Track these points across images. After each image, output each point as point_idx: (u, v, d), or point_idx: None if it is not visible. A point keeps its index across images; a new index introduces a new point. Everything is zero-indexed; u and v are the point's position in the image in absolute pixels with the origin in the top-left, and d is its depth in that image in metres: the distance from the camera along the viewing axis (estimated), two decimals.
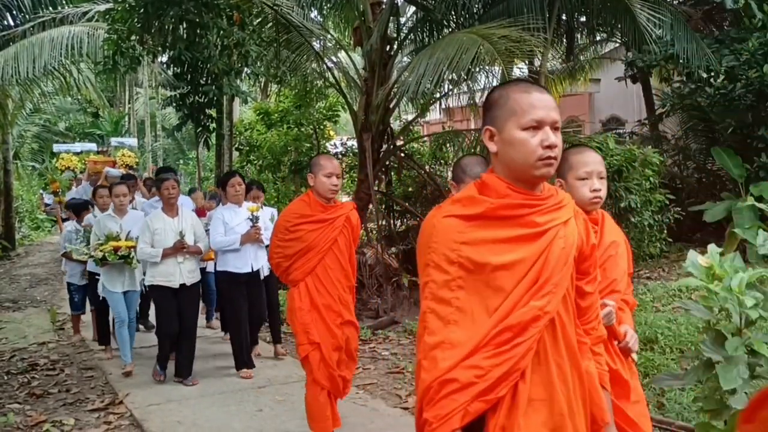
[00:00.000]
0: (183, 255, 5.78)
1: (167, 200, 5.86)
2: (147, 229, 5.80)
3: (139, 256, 5.85)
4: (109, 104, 27.36)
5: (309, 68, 10.82)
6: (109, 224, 6.22)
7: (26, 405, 5.50)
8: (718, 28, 12.11)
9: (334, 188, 4.15)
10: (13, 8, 12.28)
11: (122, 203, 6.36)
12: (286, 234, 4.17)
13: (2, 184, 15.25)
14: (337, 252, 4.18)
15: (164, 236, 5.76)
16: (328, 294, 4.17)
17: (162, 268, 5.76)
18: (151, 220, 5.84)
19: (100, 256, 6.00)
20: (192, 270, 5.90)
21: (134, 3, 6.88)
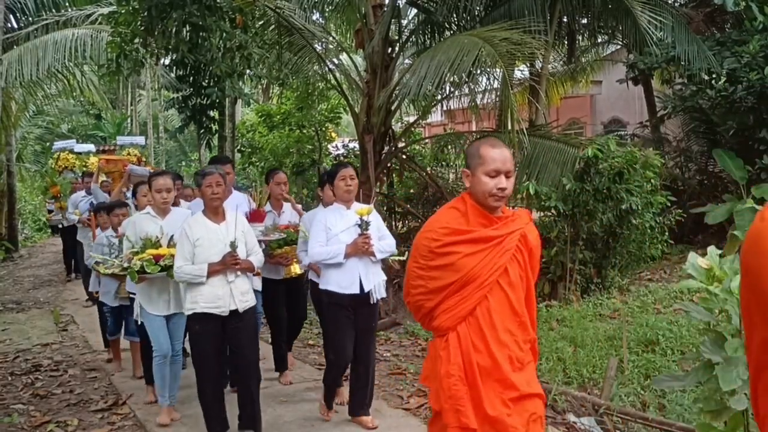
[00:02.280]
0: (234, 272, 4.40)
1: (210, 201, 4.48)
2: (185, 240, 4.40)
3: (178, 275, 4.40)
4: (112, 106, 27.41)
5: (311, 70, 10.87)
6: (147, 226, 4.90)
7: (30, 405, 5.52)
8: (719, 30, 12.13)
9: (501, 193, 2.76)
10: (16, 11, 12.34)
11: (165, 200, 4.89)
12: (431, 258, 2.83)
13: (5, 185, 15.30)
14: (507, 287, 2.79)
15: (208, 248, 4.40)
16: (494, 352, 2.75)
17: (206, 290, 4.35)
18: (189, 228, 4.44)
19: (137, 267, 4.61)
20: (245, 291, 4.47)
21: (138, 6, 6.91)
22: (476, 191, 2.78)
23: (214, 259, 4.33)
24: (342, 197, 4.67)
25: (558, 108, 16.54)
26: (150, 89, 24.78)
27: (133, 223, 4.98)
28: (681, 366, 5.43)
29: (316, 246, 4.60)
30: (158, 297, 4.86)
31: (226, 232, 4.44)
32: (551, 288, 8.46)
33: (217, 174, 4.47)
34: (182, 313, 4.67)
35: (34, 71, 11.31)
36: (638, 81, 12.91)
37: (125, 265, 4.77)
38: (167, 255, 4.64)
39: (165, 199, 4.89)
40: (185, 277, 4.34)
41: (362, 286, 4.55)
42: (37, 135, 24.13)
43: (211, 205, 4.47)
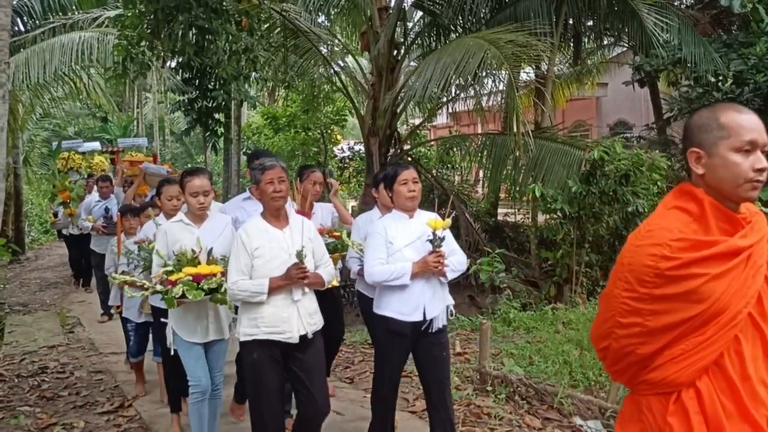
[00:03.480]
0: (301, 288, 3.61)
1: (271, 201, 3.64)
2: (242, 249, 3.59)
3: (232, 293, 3.61)
4: (118, 109, 27.49)
5: (316, 73, 10.90)
6: (181, 237, 4.03)
7: (36, 407, 5.53)
8: (725, 32, 12.09)
9: (760, 177, 1.95)
10: (24, 14, 12.40)
11: (202, 205, 4.06)
12: (659, 285, 1.92)
13: (12, 188, 15.36)
14: (761, 319, 1.95)
15: (269, 259, 3.59)
16: (752, 415, 1.88)
17: (268, 311, 3.56)
18: (246, 234, 3.62)
19: (177, 293, 3.76)
20: (313, 312, 3.70)
21: (144, 9, 6.94)
22: (720, 179, 1.97)
23: (277, 272, 3.55)
24: (403, 205, 3.91)
25: (564, 110, 16.52)
26: (156, 92, 24.87)
27: (164, 234, 4.06)
28: None
29: (376, 263, 3.80)
30: (196, 322, 4.07)
31: (291, 239, 3.64)
32: (557, 291, 8.44)
33: (279, 167, 3.66)
34: (223, 338, 4.16)
35: (41, 74, 11.35)
36: (644, 83, 12.88)
37: (158, 288, 3.88)
38: (210, 274, 3.80)
39: (202, 204, 4.06)
40: (241, 295, 3.55)
41: (425, 312, 3.81)
42: (44, 138, 24.22)
43: (272, 206, 3.64)
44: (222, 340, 4.19)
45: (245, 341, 3.62)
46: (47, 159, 25.02)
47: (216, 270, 3.83)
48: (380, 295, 3.93)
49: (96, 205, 9.30)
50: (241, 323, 3.65)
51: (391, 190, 3.95)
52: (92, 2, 12.50)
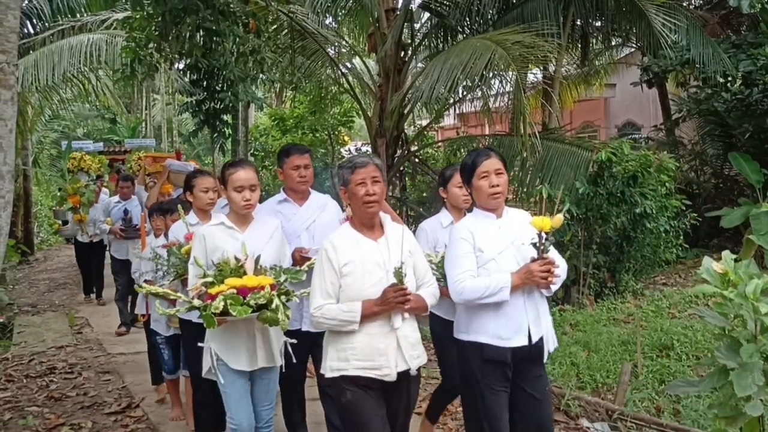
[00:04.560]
0: (401, 313, 2.97)
1: (364, 207, 3.01)
2: (327, 265, 2.98)
3: (318, 323, 3.02)
4: (127, 110, 27.64)
5: (324, 74, 10.91)
6: (223, 242, 3.40)
7: (45, 408, 5.56)
8: (734, 32, 12.04)
9: None
10: (33, 16, 12.47)
11: (248, 203, 3.45)
12: None
13: (22, 189, 15.43)
14: None
15: (362, 277, 2.97)
16: None
17: (362, 342, 2.94)
18: (333, 247, 3.01)
19: (217, 308, 3.09)
20: (415, 342, 3.05)
21: (152, 11, 6.96)
22: None
23: (370, 293, 2.93)
24: (487, 202, 3.22)
25: (571, 111, 16.48)
26: (164, 93, 24.97)
27: (202, 239, 3.41)
28: (696, 371, 5.39)
29: (466, 277, 3.10)
30: (241, 346, 3.37)
31: (388, 252, 3.00)
32: (565, 292, 8.41)
33: (372, 165, 3.04)
34: (273, 366, 3.48)
35: (50, 76, 11.40)
36: (653, 84, 12.84)
37: (195, 303, 3.20)
38: (258, 286, 3.15)
39: (248, 202, 3.42)
40: (327, 323, 2.96)
41: (530, 334, 3.14)
42: (53, 139, 24.36)
43: (365, 212, 3.01)
44: (273, 369, 3.50)
45: (333, 378, 2.99)
46: (56, 160, 25.16)
47: (265, 282, 3.16)
48: (469, 316, 3.20)
49: (115, 207, 8.72)
50: (327, 355, 3.04)
51: (469, 185, 3.26)
52: (101, 4, 12.55)
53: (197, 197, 4.25)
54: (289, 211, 4.09)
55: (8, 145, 4.51)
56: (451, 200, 4.05)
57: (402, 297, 2.89)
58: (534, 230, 3.07)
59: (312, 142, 14.01)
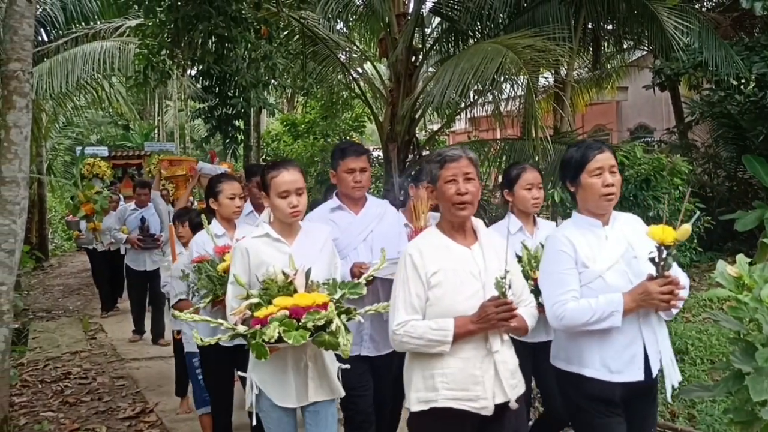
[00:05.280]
0: (500, 333, 2.56)
1: (453, 209, 2.59)
2: (414, 275, 2.53)
3: (401, 343, 2.54)
4: (140, 117, 27.79)
5: (335, 79, 10.93)
6: (268, 256, 2.93)
7: (60, 413, 5.60)
8: (747, 34, 11.96)
9: None
10: (47, 24, 12.59)
11: (296, 210, 2.96)
12: None
13: (36, 195, 15.56)
14: None
15: (453, 289, 2.52)
16: None
17: (453, 367, 2.49)
18: (419, 253, 2.56)
19: (271, 335, 2.57)
20: (514, 369, 2.61)
21: (165, 18, 7.01)
22: None
23: (464, 308, 2.47)
24: (598, 205, 2.70)
25: (583, 115, 16.42)
26: (177, 100, 25.11)
27: (244, 254, 2.93)
28: (711, 376, 5.34)
29: (568, 298, 2.60)
30: (289, 377, 2.86)
31: (484, 261, 2.56)
32: None
33: (466, 159, 2.60)
34: (329, 399, 2.94)
35: (64, 83, 11.52)
36: (665, 87, 12.78)
37: (240, 330, 2.69)
38: (312, 305, 2.66)
39: (296, 209, 2.94)
40: (413, 343, 2.48)
41: (649, 365, 2.64)
42: (67, 146, 24.54)
43: (456, 215, 2.57)
44: (329, 402, 2.95)
45: (419, 411, 2.52)
46: (70, 167, 25.34)
47: (319, 299, 2.69)
48: (570, 343, 2.71)
49: (131, 214, 8.33)
50: (411, 384, 2.55)
51: (573, 183, 2.75)
52: (114, 12, 12.66)
53: (223, 205, 3.87)
54: (343, 220, 3.60)
55: (23, 152, 4.56)
56: (518, 204, 3.65)
57: (506, 314, 2.40)
58: (651, 242, 2.54)
59: (324, 147, 14.05)
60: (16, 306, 9.92)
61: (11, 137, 4.49)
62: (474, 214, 2.66)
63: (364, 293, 2.89)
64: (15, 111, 4.50)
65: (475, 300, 2.47)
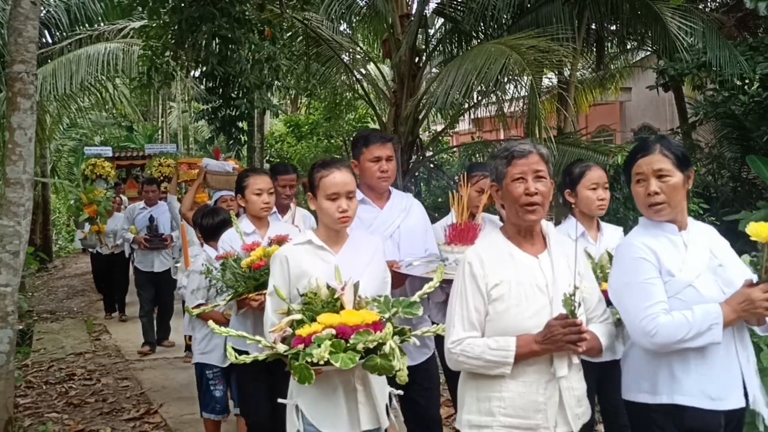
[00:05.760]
0: (569, 356, 2.26)
1: (521, 211, 2.29)
2: (473, 287, 2.27)
3: (456, 362, 2.30)
4: (143, 118, 27.84)
5: (338, 81, 10.95)
6: (311, 266, 2.65)
7: (64, 414, 5.61)
8: (751, 35, 11.93)
9: None
10: (51, 26, 12.63)
11: (346, 215, 2.66)
12: None
13: (40, 197, 15.60)
14: None
15: (518, 305, 2.25)
16: None
17: (513, 391, 2.25)
18: (480, 262, 2.29)
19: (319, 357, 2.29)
20: (582, 396, 2.34)
21: (168, 20, 7.02)
22: None
23: (529, 326, 2.21)
24: (647, 214, 2.41)
25: (587, 115, 16.41)
26: (180, 101, 25.14)
27: (284, 263, 2.65)
28: None
29: (658, 312, 2.24)
30: (339, 403, 2.54)
31: (553, 272, 2.28)
32: None
33: (537, 155, 2.31)
34: (378, 429, 2.63)
35: (68, 85, 11.54)
36: (669, 87, 12.74)
37: (280, 349, 2.42)
38: (362, 324, 2.37)
39: (345, 214, 2.64)
40: (470, 363, 2.23)
41: (746, 389, 2.29)
42: (71, 147, 24.60)
43: (523, 218, 2.27)
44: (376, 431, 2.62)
45: None
46: (74, 168, 25.40)
47: (369, 318, 2.39)
48: (655, 368, 2.32)
49: (140, 213, 8.14)
50: (464, 405, 2.32)
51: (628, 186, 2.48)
52: (118, 14, 12.70)
53: (249, 201, 3.62)
54: (367, 214, 3.26)
55: (28, 153, 4.57)
56: (582, 206, 3.28)
57: (575, 335, 2.12)
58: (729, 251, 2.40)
59: (327, 148, 14.07)
60: (21, 307, 9.94)
61: (16, 139, 4.50)
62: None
63: (420, 314, 2.56)
64: (19, 113, 4.51)
65: (541, 317, 2.20)
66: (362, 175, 3.32)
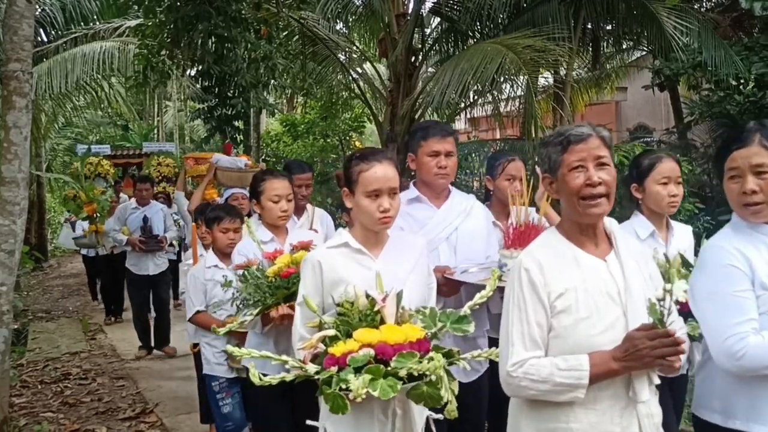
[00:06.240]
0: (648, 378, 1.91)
1: (583, 204, 1.94)
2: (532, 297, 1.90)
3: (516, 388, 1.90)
4: (139, 117, 27.80)
5: (335, 80, 10.95)
6: (347, 272, 2.34)
7: (59, 414, 5.59)
8: (747, 35, 11.97)
9: None
10: (46, 25, 12.62)
11: (386, 215, 2.32)
12: None
13: (35, 196, 15.56)
14: None
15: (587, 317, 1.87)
16: None
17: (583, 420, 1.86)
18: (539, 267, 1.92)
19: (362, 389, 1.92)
20: (659, 423, 1.95)
21: (165, 18, 7.03)
22: None
23: (601, 342, 1.85)
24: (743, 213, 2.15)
25: (583, 115, 16.42)
26: (176, 100, 25.11)
27: (316, 267, 2.34)
28: None
29: (748, 331, 1.94)
30: (374, 428, 2.23)
31: (623, 277, 1.92)
32: None
33: (597, 138, 1.98)
34: None
35: (63, 84, 11.54)
36: (664, 87, 12.75)
37: (310, 370, 2.10)
38: (405, 342, 2.04)
39: (385, 214, 2.31)
40: (536, 388, 1.85)
41: None
42: (66, 146, 24.53)
43: (585, 213, 1.93)
44: None
45: None
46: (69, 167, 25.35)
47: (413, 335, 2.06)
48: (735, 391, 2.04)
49: (132, 213, 7.68)
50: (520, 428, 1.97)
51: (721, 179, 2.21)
52: (113, 12, 12.67)
53: (265, 208, 3.25)
54: (422, 213, 3.03)
55: (23, 152, 4.55)
56: (650, 202, 2.97)
57: (671, 348, 1.75)
58: None
59: (323, 147, 14.05)
60: (16, 307, 9.91)
61: (11, 137, 4.48)
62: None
63: (471, 330, 2.20)
64: (15, 111, 4.49)
65: (616, 331, 1.84)
66: (418, 170, 3.07)
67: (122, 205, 8.32)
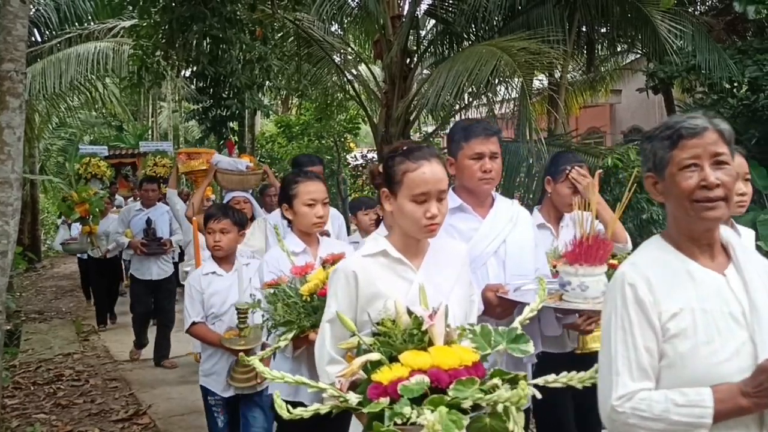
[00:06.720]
0: None
1: (693, 207, 1.64)
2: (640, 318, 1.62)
3: (627, 424, 1.58)
4: (134, 118, 27.73)
5: (330, 81, 10.95)
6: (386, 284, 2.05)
7: (52, 415, 5.58)
8: (740, 38, 12.02)
9: None
10: (40, 25, 12.59)
11: (433, 221, 2.04)
12: None
13: (29, 196, 15.50)
14: None
15: (707, 342, 1.58)
16: None
17: None
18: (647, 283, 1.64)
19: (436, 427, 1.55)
20: None
21: (159, 19, 7.00)
22: None
23: (727, 373, 1.57)
24: None
25: (577, 117, 16.47)
26: (171, 101, 25.08)
27: (351, 279, 2.05)
28: None
29: None
30: None
31: (746, 295, 1.64)
32: None
33: (715, 133, 1.69)
34: None
35: (57, 84, 11.50)
36: (658, 90, 12.81)
37: (351, 400, 1.78)
38: (460, 367, 1.74)
39: (433, 220, 2.05)
40: (647, 426, 1.56)
41: None
42: (60, 147, 24.47)
43: (699, 219, 1.66)
44: None
45: None
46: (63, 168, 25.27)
47: (467, 358, 1.77)
48: None
49: (136, 215, 7.40)
50: None
51: None
52: (108, 13, 12.65)
53: (299, 214, 2.95)
54: (467, 225, 2.69)
55: (16, 153, 4.53)
56: None
57: None
58: None
59: (318, 148, 14.05)
60: (9, 307, 9.87)
61: (4, 138, 4.46)
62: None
63: (531, 351, 1.90)
64: (8, 112, 4.47)
65: (742, 359, 1.57)
66: (460, 175, 2.73)
67: (126, 207, 8.18)
